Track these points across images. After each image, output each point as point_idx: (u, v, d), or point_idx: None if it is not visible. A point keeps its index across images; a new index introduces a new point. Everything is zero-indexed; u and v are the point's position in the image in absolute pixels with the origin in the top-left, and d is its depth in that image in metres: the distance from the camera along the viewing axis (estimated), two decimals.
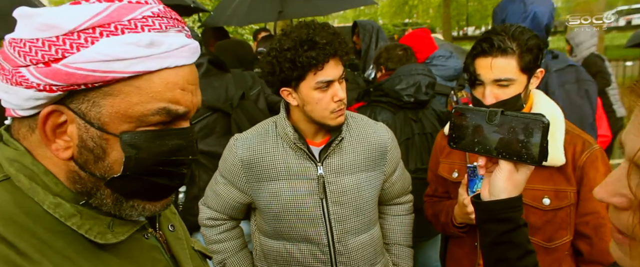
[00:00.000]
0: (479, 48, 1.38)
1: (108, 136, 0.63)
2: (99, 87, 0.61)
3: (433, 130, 2.33)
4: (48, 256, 0.60)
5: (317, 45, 1.32)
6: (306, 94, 1.39)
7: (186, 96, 0.67)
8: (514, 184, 0.88)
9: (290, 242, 1.53)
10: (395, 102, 2.31)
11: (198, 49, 0.70)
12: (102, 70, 0.59)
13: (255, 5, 3.94)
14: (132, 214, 0.70)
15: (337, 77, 1.38)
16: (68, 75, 0.59)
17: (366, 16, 21.73)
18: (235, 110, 2.15)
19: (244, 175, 1.51)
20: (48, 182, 0.65)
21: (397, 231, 1.75)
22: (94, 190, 0.66)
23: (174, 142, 0.67)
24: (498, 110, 0.87)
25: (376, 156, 1.55)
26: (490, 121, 0.87)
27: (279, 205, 1.48)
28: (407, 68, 2.38)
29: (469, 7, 22.36)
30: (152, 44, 0.62)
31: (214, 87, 2.18)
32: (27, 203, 0.62)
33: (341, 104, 1.40)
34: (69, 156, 0.64)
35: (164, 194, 0.73)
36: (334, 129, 1.48)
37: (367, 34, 3.40)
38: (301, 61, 1.32)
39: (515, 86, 1.35)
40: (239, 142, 1.52)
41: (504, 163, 0.87)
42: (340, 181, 1.49)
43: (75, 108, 0.62)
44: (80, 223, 0.64)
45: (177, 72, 0.65)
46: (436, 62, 2.87)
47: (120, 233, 0.69)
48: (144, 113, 0.63)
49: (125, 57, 0.60)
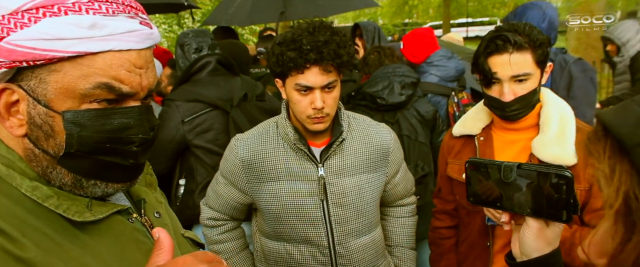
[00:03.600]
0: (493, 46, 1.35)
1: (53, 113, 0.65)
2: (44, 64, 0.63)
3: (410, 132, 2.33)
4: (28, 234, 0.62)
5: (300, 49, 1.30)
6: (289, 92, 1.40)
7: (132, 77, 0.68)
8: (546, 241, 0.80)
9: (291, 244, 1.53)
10: (371, 105, 2.33)
11: (152, 36, 0.72)
12: (43, 48, 0.61)
13: (257, 5, 3.95)
14: (96, 191, 0.71)
15: (319, 85, 1.35)
16: (9, 51, 0.61)
17: (366, 16, 21.73)
18: (234, 109, 2.16)
19: (244, 175, 1.50)
20: (24, 168, 0.67)
21: (399, 233, 1.74)
22: (50, 169, 0.68)
23: (120, 120, 0.68)
24: (513, 165, 0.79)
25: (378, 157, 1.54)
26: (506, 179, 0.79)
27: (280, 206, 1.48)
28: (383, 70, 2.39)
29: (469, 7, 22.35)
30: (93, 26, 0.63)
31: (219, 86, 2.19)
32: (5, 188, 0.64)
33: (319, 112, 1.37)
34: (23, 133, 0.67)
35: (124, 175, 0.73)
36: (335, 131, 1.48)
37: (369, 35, 3.42)
38: (283, 60, 1.33)
39: (531, 81, 1.35)
40: (239, 142, 1.52)
41: (531, 220, 0.79)
42: (341, 183, 1.48)
43: (25, 85, 0.65)
44: (57, 203, 0.66)
45: (121, 55, 0.66)
46: (437, 62, 2.85)
47: (99, 212, 0.71)
48: (85, 87, 0.64)
49: (66, 37, 0.62)
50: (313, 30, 1.33)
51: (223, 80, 2.22)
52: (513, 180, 0.78)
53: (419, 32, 3.07)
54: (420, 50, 2.96)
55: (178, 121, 2.07)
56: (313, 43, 1.30)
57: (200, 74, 2.20)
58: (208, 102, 2.12)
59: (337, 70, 1.38)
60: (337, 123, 1.50)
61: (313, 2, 3.88)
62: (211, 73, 2.20)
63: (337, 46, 1.33)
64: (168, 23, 12.56)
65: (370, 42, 3.35)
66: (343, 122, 1.49)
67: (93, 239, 0.69)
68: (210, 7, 9.03)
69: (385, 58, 2.56)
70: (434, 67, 2.85)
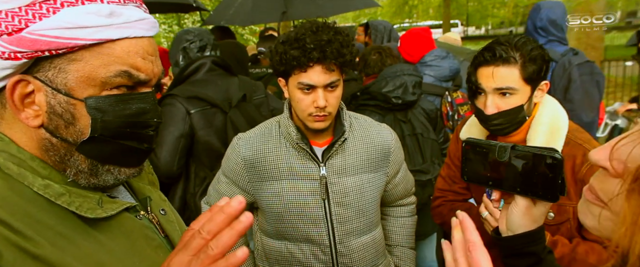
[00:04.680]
0: (481, 58, 1.37)
1: (75, 101, 0.67)
2: (64, 54, 0.65)
3: (423, 130, 2.34)
4: (42, 233, 0.63)
5: (304, 47, 1.31)
6: (291, 90, 1.41)
7: (147, 64, 0.72)
8: (532, 218, 0.85)
9: (292, 243, 1.53)
10: (383, 104, 2.32)
11: (156, 24, 0.75)
12: (65, 37, 0.63)
13: (258, 5, 3.95)
14: (109, 179, 0.73)
15: (322, 84, 1.36)
16: (32, 41, 0.62)
17: (366, 16, 21.73)
18: (232, 110, 2.15)
19: (246, 174, 1.51)
20: (35, 166, 0.69)
21: (399, 232, 1.74)
22: (68, 156, 0.70)
23: (137, 105, 0.71)
24: (508, 145, 0.84)
25: (379, 157, 1.54)
26: (500, 158, 0.84)
27: (281, 205, 1.48)
28: (392, 69, 2.38)
29: (469, 7, 22.36)
30: (112, 14, 0.66)
31: (216, 85, 2.18)
32: (18, 187, 0.65)
33: (321, 111, 1.38)
34: (38, 123, 0.68)
35: (136, 160, 0.77)
36: (337, 130, 1.48)
37: (379, 34, 3.43)
38: (286, 58, 1.34)
39: (517, 96, 1.34)
40: (241, 141, 1.52)
41: (520, 198, 0.84)
42: (342, 182, 1.48)
43: (42, 76, 0.66)
44: (69, 201, 0.68)
45: (137, 42, 0.70)
46: (431, 62, 2.86)
47: (110, 209, 0.73)
48: (106, 76, 0.67)
49: (87, 25, 0.64)
50: (316, 29, 1.34)
51: (220, 79, 2.21)
52: (507, 159, 0.83)
53: (416, 31, 3.08)
54: (416, 49, 2.97)
55: (184, 113, 2.05)
56: (316, 42, 1.31)
57: (197, 75, 2.19)
58: (207, 100, 2.11)
59: (339, 69, 1.38)
60: (339, 123, 1.50)
61: (314, 2, 3.88)
62: (207, 72, 2.19)
63: (340, 45, 1.33)
64: (168, 23, 12.57)
65: (379, 41, 3.34)
66: (345, 122, 1.49)
67: (105, 236, 0.71)
68: (210, 7, 9.03)
69: (387, 58, 2.56)
70: (428, 67, 2.86)
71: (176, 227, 0.89)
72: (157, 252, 0.79)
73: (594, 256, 1.31)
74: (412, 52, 2.98)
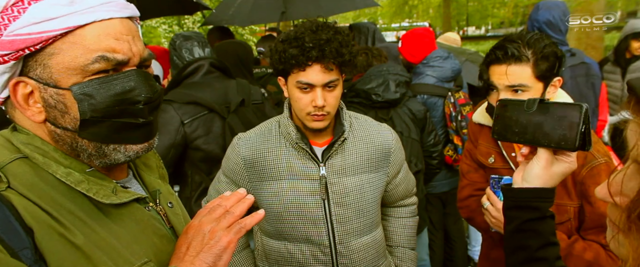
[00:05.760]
0: (493, 56, 1.38)
1: (62, 91, 0.73)
2: (43, 48, 0.71)
3: (404, 129, 2.37)
4: (64, 215, 0.71)
5: (303, 46, 1.32)
6: (290, 89, 1.41)
7: (122, 44, 0.75)
8: (550, 174, 0.87)
9: (292, 243, 1.53)
10: (365, 101, 2.36)
11: (128, 5, 0.79)
12: (37, 31, 0.69)
13: (258, 5, 3.95)
14: (119, 157, 0.79)
15: (321, 83, 1.36)
16: (10, 42, 0.69)
17: (366, 16, 21.74)
18: (231, 115, 2.13)
19: (246, 174, 1.51)
20: (58, 157, 0.77)
21: (400, 233, 1.74)
22: (75, 143, 0.76)
23: (121, 84, 0.75)
24: (536, 98, 0.89)
25: (379, 157, 1.54)
26: (528, 109, 0.89)
27: (281, 205, 1.48)
28: (378, 68, 2.43)
29: (469, 7, 22.35)
30: (72, 2, 0.71)
31: (214, 88, 2.16)
32: (43, 174, 0.74)
33: (319, 110, 1.38)
34: (43, 118, 0.75)
35: (137, 135, 0.80)
36: (336, 130, 1.48)
37: (362, 36, 3.43)
38: (285, 57, 1.34)
39: (529, 93, 1.35)
40: (241, 141, 1.52)
41: (543, 152, 0.87)
42: (342, 182, 1.48)
43: (33, 75, 0.73)
44: (88, 187, 0.76)
45: (106, 25, 0.74)
46: (433, 62, 2.85)
47: (123, 197, 0.80)
48: (85, 63, 0.72)
49: (53, 16, 0.69)
50: (316, 28, 1.34)
51: (217, 82, 2.19)
52: (532, 110, 0.88)
53: (418, 31, 3.08)
54: (418, 49, 2.96)
55: (178, 123, 2.03)
56: (315, 41, 1.31)
57: (194, 77, 2.17)
58: (205, 105, 2.09)
59: (338, 69, 1.38)
60: (338, 123, 1.50)
61: (314, 2, 3.89)
62: (205, 75, 2.17)
63: (339, 45, 1.33)
64: (168, 23, 12.56)
65: (363, 43, 3.35)
66: (345, 121, 1.49)
67: (116, 223, 0.78)
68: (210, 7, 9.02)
69: (373, 59, 2.60)
70: (430, 68, 2.85)
71: (182, 220, 0.95)
72: (162, 242, 0.85)
73: (591, 253, 1.31)
74: (414, 52, 2.98)
